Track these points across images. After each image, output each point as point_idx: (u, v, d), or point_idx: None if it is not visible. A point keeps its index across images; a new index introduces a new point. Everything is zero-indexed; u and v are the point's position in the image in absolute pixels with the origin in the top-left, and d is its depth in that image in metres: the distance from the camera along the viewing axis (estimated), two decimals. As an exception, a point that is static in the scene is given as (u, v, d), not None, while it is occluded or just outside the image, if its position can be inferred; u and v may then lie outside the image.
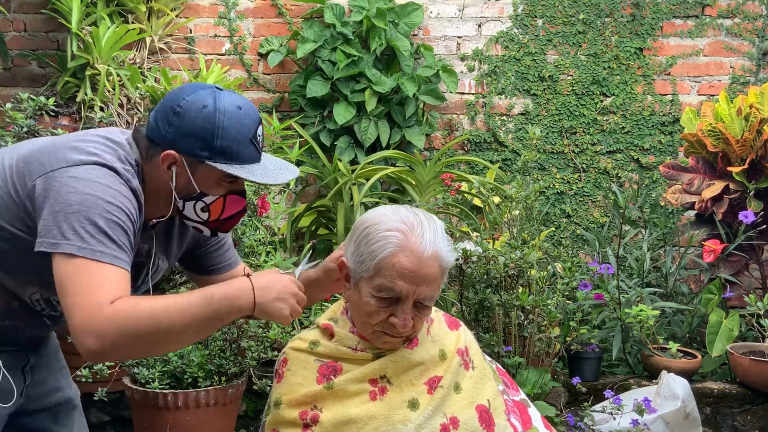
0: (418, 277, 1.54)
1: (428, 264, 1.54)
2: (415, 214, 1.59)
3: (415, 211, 1.61)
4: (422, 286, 1.55)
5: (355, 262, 1.59)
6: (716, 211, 3.44)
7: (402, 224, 1.56)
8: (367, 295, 1.57)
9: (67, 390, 1.87)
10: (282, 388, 1.65)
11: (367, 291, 1.57)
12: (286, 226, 3.80)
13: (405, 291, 1.54)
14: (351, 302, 1.65)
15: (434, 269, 1.55)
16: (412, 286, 1.54)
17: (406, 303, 1.56)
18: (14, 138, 2.75)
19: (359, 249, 1.58)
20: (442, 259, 1.56)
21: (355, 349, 1.64)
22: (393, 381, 1.62)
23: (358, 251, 1.59)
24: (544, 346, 2.83)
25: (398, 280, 1.53)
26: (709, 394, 3.11)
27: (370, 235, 1.57)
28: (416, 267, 1.53)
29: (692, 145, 3.58)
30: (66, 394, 1.87)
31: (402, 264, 1.53)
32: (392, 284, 1.54)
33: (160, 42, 4.11)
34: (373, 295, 1.56)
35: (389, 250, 1.53)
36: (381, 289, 1.55)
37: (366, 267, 1.56)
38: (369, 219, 1.60)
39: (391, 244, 1.54)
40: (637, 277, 3.46)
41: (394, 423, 1.57)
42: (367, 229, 1.58)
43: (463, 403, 1.63)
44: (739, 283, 3.52)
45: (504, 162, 4.24)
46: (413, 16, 4.10)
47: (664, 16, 4.19)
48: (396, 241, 1.54)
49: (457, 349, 1.69)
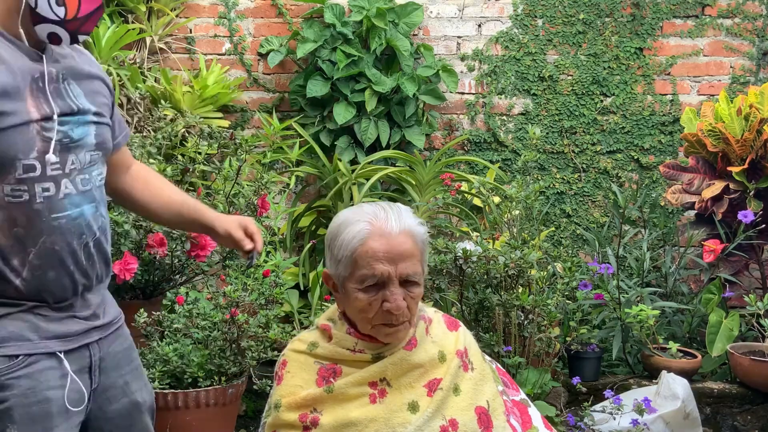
0: (394, 255, 1.57)
1: (400, 241, 1.58)
2: (378, 205, 1.64)
3: (377, 203, 1.66)
4: (401, 263, 1.57)
5: (334, 266, 1.62)
6: (716, 211, 3.44)
7: (365, 216, 1.60)
8: (353, 291, 1.59)
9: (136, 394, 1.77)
10: (282, 390, 1.65)
11: (352, 288, 1.59)
12: (286, 226, 3.80)
13: (386, 272, 1.56)
14: (345, 307, 1.66)
15: (408, 244, 1.58)
16: (392, 266, 1.56)
17: (392, 284, 1.57)
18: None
19: (333, 252, 1.62)
20: (413, 233, 1.60)
21: (353, 351, 1.64)
22: (393, 383, 1.62)
23: (332, 255, 1.62)
24: (544, 346, 2.83)
25: (376, 264, 1.56)
26: (709, 394, 3.11)
27: (338, 236, 1.60)
28: (389, 246, 1.56)
29: (692, 145, 3.58)
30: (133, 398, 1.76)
31: (374, 248, 1.56)
32: (371, 270, 1.56)
33: (160, 42, 4.10)
34: (358, 289, 1.58)
35: (359, 239, 1.57)
36: (363, 279, 1.57)
37: (344, 265, 1.59)
38: (335, 224, 1.64)
39: (359, 233, 1.57)
40: (637, 277, 3.46)
41: (394, 426, 1.57)
42: (334, 232, 1.62)
43: (463, 405, 1.64)
44: (739, 283, 3.52)
45: (504, 162, 4.24)
46: (413, 16, 4.10)
47: (664, 16, 4.19)
48: (363, 229, 1.58)
49: (457, 351, 1.69)
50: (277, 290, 2.75)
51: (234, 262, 2.92)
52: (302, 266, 3.57)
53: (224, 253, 2.89)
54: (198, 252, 2.67)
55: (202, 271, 2.89)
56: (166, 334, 2.58)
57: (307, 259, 3.61)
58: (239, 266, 2.94)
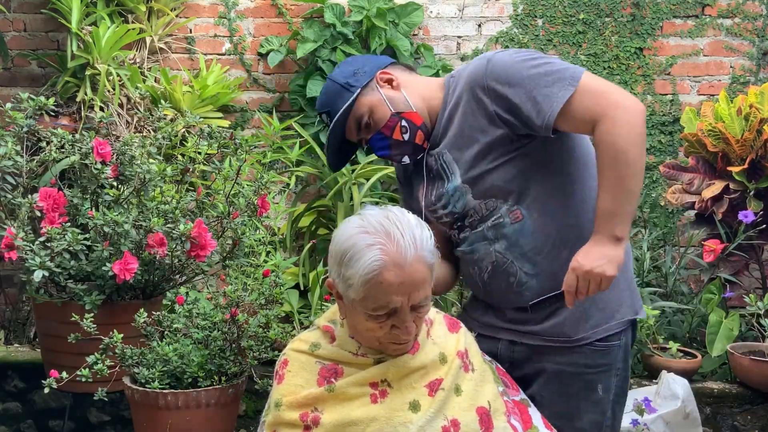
0: (408, 286, 1.53)
1: (413, 270, 1.53)
2: (387, 218, 1.57)
3: (384, 212, 1.59)
4: (414, 293, 1.54)
5: (342, 285, 1.57)
6: (716, 211, 3.44)
7: (376, 236, 1.53)
8: (362, 315, 1.57)
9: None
10: (282, 389, 1.65)
11: (361, 312, 1.57)
12: (286, 226, 3.80)
13: (399, 303, 1.54)
14: (347, 319, 1.65)
15: (420, 271, 1.54)
16: (405, 296, 1.54)
17: (403, 312, 1.55)
18: (14, 138, 2.75)
19: (342, 271, 1.56)
20: (425, 253, 1.55)
21: (356, 354, 1.64)
22: (393, 384, 1.62)
23: (341, 274, 1.56)
24: (544, 346, 2.82)
25: (390, 296, 1.53)
26: (709, 394, 3.11)
27: (348, 256, 1.54)
28: (403, 278, 1.52)
29: (692, 145, 3.58)
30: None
31: (389, 281, 1.51)
32: (386, 303, 1.53)
33: (160, 42, 4.10)
34: (369, 315, 1.56)
35: (373, 270, 1.51)
36: (376, 309, 1.55)
37: (355, 289, 1.54)
38: (343, 240, 1.57)
39: (373, 263, 1.51)
40: (637, 276, 3.46)
41: (395, 425, 1.57)
42: (344, 251, 1.55)
43: (464, 405, 1.64)
44: (739, 283, 3.52)
45: (504, 162, 4.23)
46: (413, 16, 4.10)
47: (664, 15, 4.19)
48: (377, 258, 1.51)
49: (458, 352, 1.69)
50: (277, 290, 2.74)
51: (234, 262, 2.92)
52: (302, 266, 3.57)
53: (224, 253, 2.89)
54: (198, 252, 2.66)
55: (202, 271, 2.88)
56: (166, 334, 2.58)
57: (307, 259, 3.61)
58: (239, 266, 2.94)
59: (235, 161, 2.97)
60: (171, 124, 3.23)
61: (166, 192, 2.87)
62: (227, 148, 2.90)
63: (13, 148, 2.68)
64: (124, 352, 2.47)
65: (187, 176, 3.05)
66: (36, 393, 3.31)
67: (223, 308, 2.58)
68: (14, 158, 2.69)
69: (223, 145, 2.90)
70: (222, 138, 2.90)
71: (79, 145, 2.74)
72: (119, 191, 2.79)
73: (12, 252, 2.50)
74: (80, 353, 2.46)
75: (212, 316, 2.58)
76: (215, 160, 3.48)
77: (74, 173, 2.84)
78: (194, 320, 2.59)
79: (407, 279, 1.52)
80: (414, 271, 1.53)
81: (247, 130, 4.19)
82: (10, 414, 3.34)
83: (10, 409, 3.34)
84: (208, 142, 2.92)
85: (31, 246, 2.49)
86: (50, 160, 2.77)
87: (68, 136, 2.77)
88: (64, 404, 3.30)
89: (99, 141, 2.71)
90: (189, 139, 3.26)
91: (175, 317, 2.60)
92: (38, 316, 2.88)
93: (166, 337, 2.57)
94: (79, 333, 2.49)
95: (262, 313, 2.69)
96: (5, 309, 3.85)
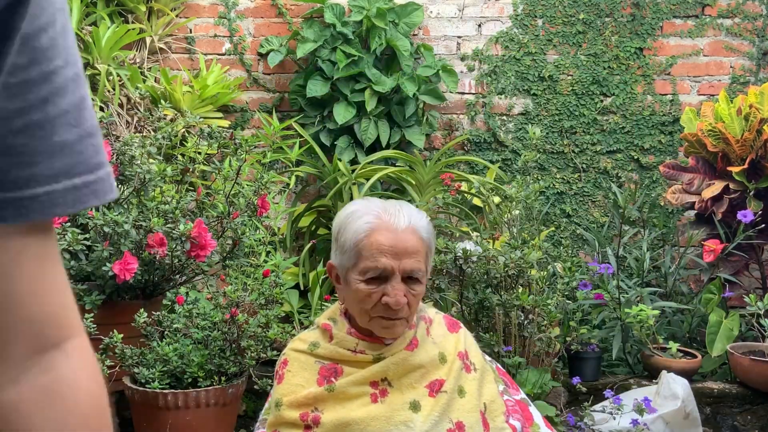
0: (399, 251, 1.58)
1: (406, 237, 1.59)
2: (388, 201, 1.67)
3: (388, 200, 1.68)
4: (405, 258, 1.58)
5: (339, 256, 1.64)
6: (716, 211, 3.44)
7: (374, 209, 1.62)
8: (355, 282, 1.60)
9: None
10: (283, 389, 1.65)
11: (354, 278, 1.60)
12: (286, 226, 3.80)
13: (389, 266, 1.57)
14: (345, 299, 1.67)
15: (413, 241, 1.60)
16: (395, 261, 1.57)
17: (394, 279, 1.58)
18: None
19: (339, 242, 1.63)
20: (420, 230, 1.62)
21: (354, 351, 1.64)
22: (394, 384, 1.62)
23: (338, 245, 1.64)
24: (544, 345, 2.83)
25: (380, 257, 1.57)
26: (709, 394, 3.11)
27: (346, 225, 1.62)
28: (394, 241, 1.58)
29: (692, 145, 3.58)
30: None
31: (380, 241, 1.57)
32: (375, 263, 1.57)
33: (160, 42, 4.10)
34: (360, 280, 1.59)
35: (365, 231, 1.59)
36: (366, 271, 1.58)
37: (348, 255, 1.60)
38: (343, 214, 1.66)
39: (366, 225, 1.59)
40: (637, 276, 3.46)
41: (396, 424, 1.57)
42: (342, 221, 1.64)
43: (468, 407, 1.64)
44: (739, 283, 3.52)
45: (504, 162, 4.24)
46: (413, 16, 4.10)
47: (664, 15, 4.19)
48: (369, 221, 1.60)
49: (458, 353, 1.70)
50: (277, 290, 2.74)
51: (234, 262, 2.92)
52: (302, 266, 3.57)
53: (224, 253, 2.89)
54: (198, 252, 2.66)
55: (202, 271, 2.89)
56: (166, 334, 2.58)
57: (307, 259, 3.61)
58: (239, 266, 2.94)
59: (235, 161, 2.97)
60: (171, 124, 3.23)
61: (166, 192, 2.88)
62: (227, 148, 2.90)
63: (13, 148, 2.68)
64: (124, 352, 2.47)
65: (187, 176, 3.05)
66: (36, 393, 3.31)
67: (223, 308, 2.58)
68: (14, 158, 2.68)
69: (223, 145, 2.91)
70: (222, 138, 2.90)
71: (79, 145, 2.74)
72: (119, 191, 2.79)
73: (12, 252, 2.49)
74: (80, 353, 2.46)
75: (212, 316, 2.59)
76: (215, 160, 3.48)
77: (74, 173, 2.83)
78: (194, 320, 2.60)
79: (398, 243, 1.58)
80: (406, 238, 1.59)
81: (247, 130, 4.19)
82: (10, 414, 3.33)
83: (10, 409, 3.34)
84: (208, 142, 2.93)
85: (31, 246, 2.48)
86: (50, 160, 2.76)
87: (68, 136, 2.77)
88: (64, 404, 3.29)
89: (99, 141, 2.71)
90: (189, 139, 3.26)
91: (175, 317, 2.60)
92: (38, 316, 2.87)
93: (166, 337, 2.57)
94: (79, 333, 2.48)
95: (262, 313, 2.69)
96: (5, 309, 3.85)
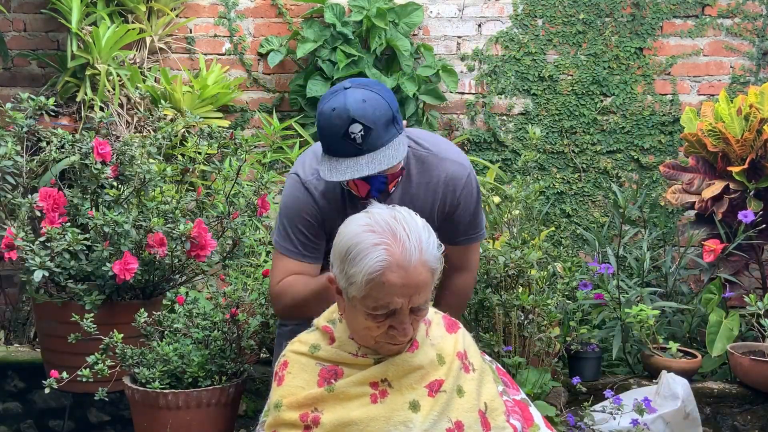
0: (410, 289, 1.53)
1: (417, 272, 1.53)
2: (393, 217, 1.56)
3: (391, 211, 1.59)
4: (415, 295, 1.54)
5: (344, 281, 1.57)
6: (716, 210, 3.44)
7: (382, 236, 1.53)
8: (362, 314, 1.57)
9: None
10: (282, 390, 1.65)
11: (361, 310, 1.57)
12: (286, 226, 3.79)
13: (399, 305, 1.54)
14: (346, 315, 1.65)
15: (423, 275, 1.54)
16: (406, 299, 1.54)
17: (402, 314, 1.56)
18: (14, 138, 2.75)
19: (345, 268, 1.55)
20: (429, 260, 1.55)
21: (356, 355, 1.64)
22: (393, 384, 1.62)
23: (344, 270, 1.56)
24: (544, 345, 2.83)
25: (392, 297, 1.53)
26: (709, 394, 3.11)
27: (352, 253, 1.54)
28: (406, 280, 1.52)
29: (692, 144, 3.58)
30: None
31: (392, 281, 1.51)
32: (386, 303, 1.53)
33: (160, 42, 4.10)
34: (368, 313, 1.56)
35: (377, 270, 1.51)
36: (376, 309, 1.55)
37: (356, 287, 1.54)
38: (349, 236, 1.56)
39: (377, 262, 1.51)
40: (637, 276, 3.45)
41: (395, 424, 1.57)
42: (349, 248, 1.55)
43: (467, 406, 1.64)
44: (739, 283, 3.52)
45: (504, 162, 4.24)
46: (413, 16, 4.10)
47: (664, 15, 4.19)
48: (381, 258, 1.51)
49: (457, 353, 1.69)
50: (277, 290, 2.74)
51: (234, 262, 2.92)
52: (302, 266, 3.57)
53: (224, 253, 2.89)
54: (198, 252, 2.66)
55: (202, 271, 2.89)
56: (166, 334, 2.58)
57: (307, 259, 3.60)
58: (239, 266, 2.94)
59: (235, 161, 2.97)
60: (171, 124, 3.23)
61: (166, 192, 2.88)
62: (227, 148, 2.90)
63: (13, 148, 2.68)
64: (124, 352, 2.47)
65: (187, 176, 3.05)
66: (36, 393, 3.31)
67: (223, 308, 2.58)
68: (14, 158, 2.69)
69: (223, 145, 2.91)
70: (222, 138, 2.90)
71: (79, 145, 2.74)
72: (119, 191, 2.79)
73: (12, 252, 2.50)
74: (80, 353, 2.46)
75: (212, 316, 2.59)
76: (215, 160, 3.48)
77: (74, 173, 2.84)
78: (194, 320, 2.60)
79: (410, 281, 1.52)
80: (417, 274, 1.53)
81: (247, 130, 4.19)
82: (10, 414, 3.34)
83: (10, 409, 3.34)
84: (208, 142, 2.93)
85: (31, 246, 2.49)
86: (50, 160, 2.77)
87: (68, 136, 2.77)
88: (64, 404, 3.30)
89: (99, 141, 2.71)
90: (189, 139, 3.26)
91: (175, 317, 2.60)
92: (38, 316, 2.88)
93: (166, 337, 2.57)
94: (79, 333, 2.49)
95: (262, 313, 2.69)
96: (5, 309, 3.85)
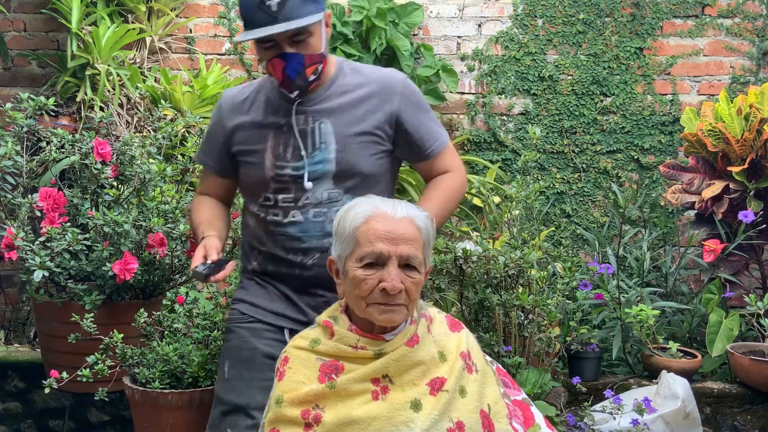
0: (396, 237, 1.61)
1: (402, 224, 1.63)
2: (389, 200, 1.71)
3: (389, 199, 1.73)
4: (401, 245, 1.61)
5: (338, 247, 1.68)
6: (716, 210, 3.44)
7: (373, 202, 1.68)
8: (352, 269, 1.63)
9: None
10: (283, 385, 1.65)
11: (351, 266, 1.63)
12: (286, 226, 3.79)
13: (385, 251, 1.60)
14: (345, 292, 1.68)
15: (410, 229, 1.64)
16: (392, 246, 1.60)
17: (391, 265, 1.60)
18: (14, 138, 2.75)
19: (338, 233, 1.68)
20: (417, 220, 1.66)
21: (355, 347, 1.65)
22: (395, 380, 1.63)
23: (337, 236, 1.68)
24: (544, 345, 2.83)
25: (376, 242, 1.61)
26: (709, 394, 3.11)
27: (344, 216, 1.68)
28: (391, 228, 1.62)
29: (692, 144, 3.58)
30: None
31: (376, 228, 1.62)
32: (371, 248, 1.60)
33: (160, 42, 4.11)
34: (357, 266, 1.62)
35: (361, 220, 1.64)
36: (362, 257, 1.61)
37: (346, 243, 1.65)
38: (343, 209, 1.72)
39: (363, 213, 1.64)
40: (637, 276, 3.46)
41: (397, 424, 1.57)
42: (341, 214, 1.70)
43: (469, 407, 1.64)
44: (739, 283, 3.52)
45: (504, 162, 4.24)
46: (413, 16, 4.10)
47: (664, 15, 4.19)
48: (366, 210, 1.65)
49: (460, 353, 1.70)
50: (277, 290, 2.74)
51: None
52: (302, 266, 3.57)
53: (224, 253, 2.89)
54: (198, 252, 2.66)
55: (202, 271, 2.88)
56: (166, 334, 2.58)
57: (307, 259, 3.60)
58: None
59: (235, 161, 2.96)
60: (171, 124, 3.23)
61: (166, 192, 2.88)
62: (227, 148, 2.90)
63: (13, 148, 2.69)
64: (124, 352, 2.47)
65: (187, 176, 3.05)
66: (36, 393, 3.31)
67: (223, 308, 2.58)
68: (14, 158, 2.69)
69: (223, 145, 2.90)
70: (222, 138, 2.90)
71: (79, 145, 2.74)
72: (119, 191, 2.79)
73: (12, 252, 2.50)
74: (80, 353, 2.47)
75: (212, 316, 2.59)
76: (215, 160, 3.47)
77: (74, 173, 2.85)
78: (194, 320, 2.60)
79: (395, 230, 1.62)
80: (403, 226, 1.63)
81: (247, 130, 4.18)
82: (10, 414, 3.34)
83: (10, 409, 3.35)
84: (208, 142, 2.92)
85: (31, 246, 2.49)
86: (50, 160, 2.77)
87: (68, 136, 2.78)
88: (64, 404, 3.30)
89: (99, 141, 2.72)
90: (189, 139, 3.26)
91: (175, 317, 2.60)
92: (38, 316, 2.88)
93: (166, 337, 2.57)
94: (79, 333, 2.49)
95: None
96: (5, 309, 3.85)
